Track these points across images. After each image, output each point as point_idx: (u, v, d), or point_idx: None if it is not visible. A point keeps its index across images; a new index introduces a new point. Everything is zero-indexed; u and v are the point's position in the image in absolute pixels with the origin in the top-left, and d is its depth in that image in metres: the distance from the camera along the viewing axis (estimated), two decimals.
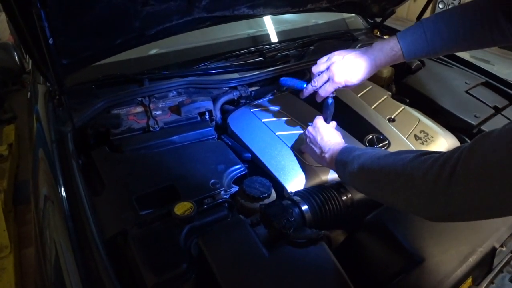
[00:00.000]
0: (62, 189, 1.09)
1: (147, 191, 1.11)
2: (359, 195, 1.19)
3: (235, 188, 1.19)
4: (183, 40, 1.59)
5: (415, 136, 1.47)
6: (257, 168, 1.29)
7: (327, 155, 1.13)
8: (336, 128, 1.29)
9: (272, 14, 1.54)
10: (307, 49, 1.77)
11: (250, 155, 1.32)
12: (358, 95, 1.61)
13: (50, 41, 1.09)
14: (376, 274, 1.06)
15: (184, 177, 1.16)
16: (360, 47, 1.81)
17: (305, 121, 1.43)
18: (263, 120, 1.42)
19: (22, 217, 2.62)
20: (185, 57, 1.66)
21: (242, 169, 1.22)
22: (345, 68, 1.19)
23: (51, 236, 1.05)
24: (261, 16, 1.56)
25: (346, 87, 1.22)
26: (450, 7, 5.40)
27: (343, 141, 1.18)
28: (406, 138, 1.44)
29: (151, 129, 1.35)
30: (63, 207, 1.05)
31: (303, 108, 1.49)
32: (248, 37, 1.80)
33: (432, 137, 1.47)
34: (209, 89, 1.52)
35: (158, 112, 1.42)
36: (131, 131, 1.34)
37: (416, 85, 1.72)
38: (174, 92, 1.51)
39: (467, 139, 1.53)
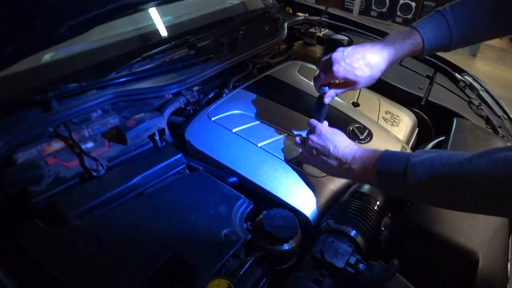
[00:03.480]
0: None
1: (142, 279, 0.72)
2: (382, 200, 1.03)
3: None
4: (82, 38, 1.12)
5: (383, 118, 1.36)
6: (247, 194, 0.98)
7: (355, 166, 0.91)
8: None
9: None
10: (236, 34, 1.47)
11: (236, 179, 1.01)
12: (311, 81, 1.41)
13: None
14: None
15: (184, 237, 0.80)
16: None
17: (278, 122, 1.17)
18: (234, 130, 1.10)
19: None
20: (95, 59, 1.18)
21: (247, 202, 0.91)
22: (362, 60, 0.99)
23: None
24: None
25: (357, 82, 1.01)
26: None
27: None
28: (377, 122, 1.33)
29: (94, 173, 0.91)
30: None
31: (268, 106, 1.23)
32: (166, 26, 1.38)
33: (397, 116, 1.40)
34: (146, 100, 1.12)
35: (90, 145, 0.96)
36: (61, 182, 0.88)
37: None
38: (99, 111, 1.06)
39: (420, 112, 1.50)
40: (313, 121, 1.03)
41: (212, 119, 1.13)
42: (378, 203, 1.01)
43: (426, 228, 0.95)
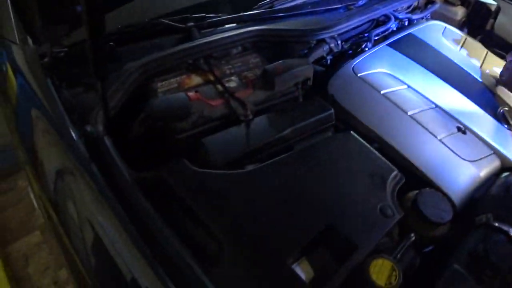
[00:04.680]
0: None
1: (297, 245, 0.66)
2: None
3: None
4: None
5: None
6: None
7: None
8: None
9: None
10: None
11: (376, 145, 0.92)
12: (458, 49, 1.25)
13: None
14: None
15: (338, 206, 0.73)
16: None
17: (425, 90, 1.05)
18: (382, 92, 1.00)
19: None
20: None
21: (399, 176, 0.82)
22: None
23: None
24: None
25: None
26: None
27: None
28: None
29: (241, 117, 0.84)
30: None
31: (414, 69, 1.11)
32: None
33: None
34: (290, 43, 1.02)
35: (233, 84, 0.90)
36: (206, 121, 0.82)
37: (504, 34, 1.41)
38: (239, 47, 0.98)
39: None
40: None
41: (358, 75, 1.02)
42: None
43: None
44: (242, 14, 1.01)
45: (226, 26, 1.01)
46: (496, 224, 0.79)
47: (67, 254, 0.77)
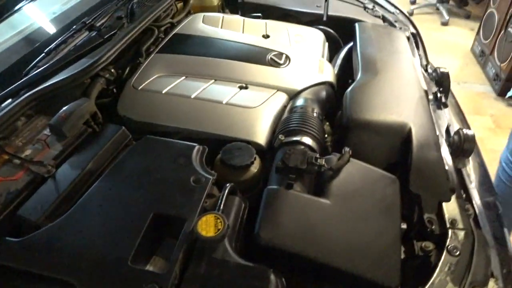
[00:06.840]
0: None
1: (133, 247, 0.74)
2: (318, 107, 1.13)
3: None
4: None
5: (295, 41, 1.44)
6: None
7: None
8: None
9: None
10: (131, 3, 1.43)
11: (178, 136, 1.04)
12: (220, 27, 1.44)
13: None
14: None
15: (156, 197, 0.82)
16: None
17: (201, 72, 1.22)
18: (163, 92, 1.12)
19: None
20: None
21: (201, 148, 0.95)
22: None
23: None
24: None
25: None
26: None
27: None
28: (291, 46, 1.40)
29: (45, 175, 0.89)
30: None
31: (186, 61, 1.26)
32: (58, 15, 1.31)
33: (305, 36, 1.47)
34: (66, 92, 1.08)
35: (28, 153, 0.94)
36: (15, 196, 0.85)
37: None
38: (23, 118, 1.02)
39: (325, 27, 1.60)
40: None
41: (139, 88, 1.13)
42: (315, 110, 1.10)
43: (360, 117, 1.06)
44: (9, 88, 1.05)
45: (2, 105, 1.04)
46: (285, 140, 0.97)
47: None
